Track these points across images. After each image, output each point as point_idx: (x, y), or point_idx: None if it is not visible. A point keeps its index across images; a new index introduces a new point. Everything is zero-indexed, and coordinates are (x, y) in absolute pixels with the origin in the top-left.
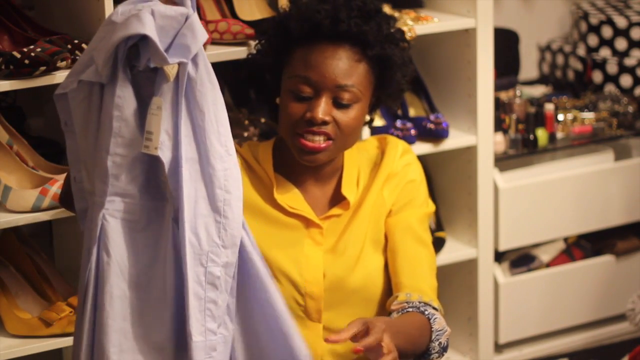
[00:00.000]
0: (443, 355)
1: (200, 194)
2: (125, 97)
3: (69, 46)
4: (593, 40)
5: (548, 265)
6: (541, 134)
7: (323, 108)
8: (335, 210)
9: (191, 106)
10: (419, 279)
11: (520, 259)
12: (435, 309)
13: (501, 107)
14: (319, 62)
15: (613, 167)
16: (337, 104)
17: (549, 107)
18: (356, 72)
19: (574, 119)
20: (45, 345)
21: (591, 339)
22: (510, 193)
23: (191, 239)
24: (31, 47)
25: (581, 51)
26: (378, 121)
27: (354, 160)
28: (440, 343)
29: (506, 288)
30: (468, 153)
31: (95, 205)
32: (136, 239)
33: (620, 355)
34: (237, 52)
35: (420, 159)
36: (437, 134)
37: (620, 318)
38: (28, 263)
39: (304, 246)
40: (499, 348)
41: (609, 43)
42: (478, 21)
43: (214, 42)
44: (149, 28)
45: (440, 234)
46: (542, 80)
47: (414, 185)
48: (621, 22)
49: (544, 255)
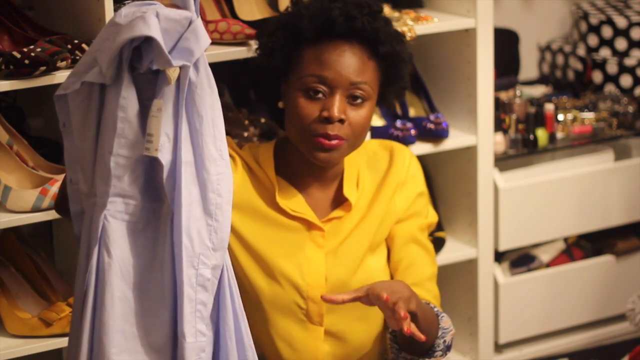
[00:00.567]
0: (446, 354)
1: (194, 197)
2: (129, 98)
3: (69, 46)
4: (593, 40)
5: (548, 265)
6: (541, 134)
7: (339, 106)
8: (336, 212)
9: (190, 110)
10: (422, 288)
11: (520, 259)
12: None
13: (501, 107)
14: (333, 60)
15: (613, 167)
16: (351, 102)
17: (549, 107)
18: (367, 70)
19: (574, 119)
20: (45, 345)
21: (591, 339)
22: (510, 193)
23: (185, 242)
24: (31, 47)
25: (581, 51)
26: (378, 121)
27: (354, 161)
28: (445, 341)
29: (506, 288)
30: (468, 153)
31: (96, 206)
32: (136, 240)
33: (620, 355)
34: (237, 52)
35: (420, 159)
36: (437, 134)
37: (620, 318)
38: (28, 263)
39: (306, 249)
40: (499, 348)
41: (609, 43)
42: (478, 21)
43: (214, 42)
44: (155, 30)
45: (440, 234)
46: (542, 80)
47: (423, 198)
48: (621, 22)
49: (544, 255)
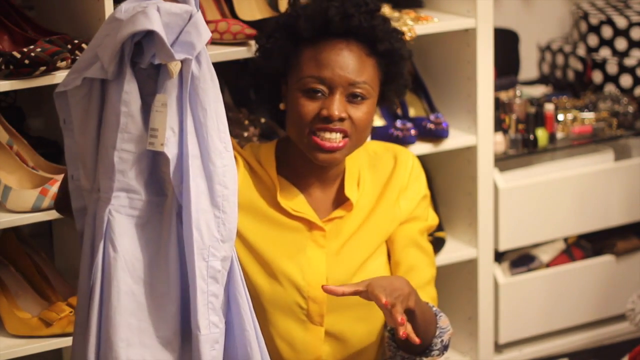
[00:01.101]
0: (443, 354)
1: (201, 190)
2: (132, 93)
3: (69, 46)
4: (593, 40)
5: (548, 265)
6: (541, 134)
7: (338, 105)
8: (337, 212)
9: (194, 103)
10: (421, 291)
11: (520, 259)
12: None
13: (501, 107)
14: (332, 59)
15: (613, 167)
16: (351, 101)
17: (549, 107)
18: (367, 68)
19: (574, 119)
20: (45, 345)
21: (591, 339)
22: (510, 193)
23: (195, 235)
24: (31, 47)
25: (581, 51)
26: (378, 121)
27: (355, 161)
28: (442, 340)
29: (506, 288)
30: (468, 153)
31: (100, 201)
32: (140, 235)
33: (620, 355)
34: (237, 52)
35: (420, 159)
36: (437, 134)
37: (620, 318)
38: (28, 263)
39: (307, 249)
40: (499, 348)
41: (609, 43)
42: (478, 21)
43: (214, 42)
44: (156, 24)
45: (440, 234)
46: (542, 80)
47: (425, 200)
48: (621, 22)
49: (544, 255)
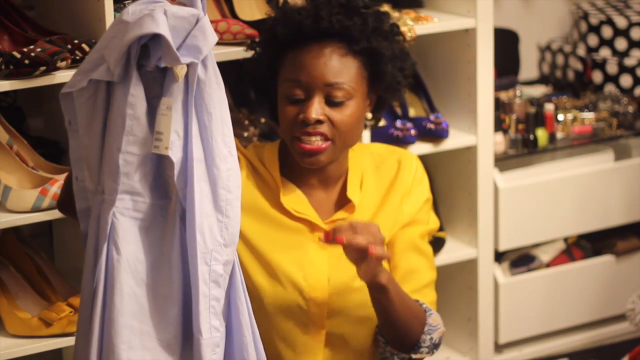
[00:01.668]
0: (433, 352)
1: (205, 194)
2: (138, 96)
3: (69, 46)
4: (593, 40)
5: (548, 265)
6: (541, 134)
7: (315, 108)
8: (340, 214)
9: (199, 107)
10: (420, 294)
11: (520, 259)
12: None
13: (501, 107)
14: (306, 63)
15: (613, 167)
16: (330, 103)
17: (549, 107)
18: (345, 69)
19: (574, 119)
20: (45, 345)
21: (591, 339)
22: (510, 193)
23: (198, 239)
24: (31, 47)
25: (581, 51)
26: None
27: (358, 162)
28: (432, 338)
29: (506, 288)
30: (468, 153)
31: (104, 203)
32: (144, 237)
33: (620, 355)
34: (237, 52)
35: (420, 159)
36: (437, 134)
37: (620, 318)
38: (28, 263)
39: (309, 251)
40: (499, 348)
41: (609, 43)
42: (478, 21)
43: None
44: (163, 27)
45: (440, 234)
46: (542, 80)
47: (428, 205)
48: (621, 22)
49: (544, 255)
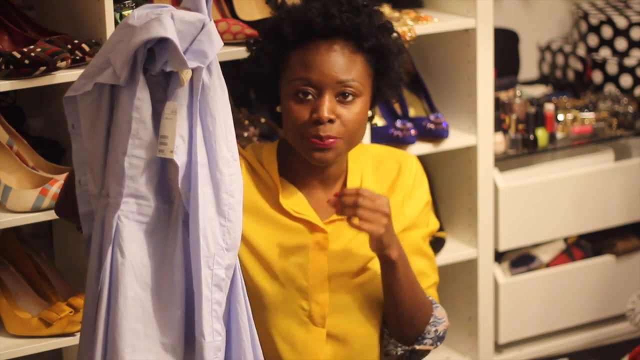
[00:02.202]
0: (437, 345)
1: (207, 198)
2: (144, 100)
3: (69, 46)
4: (593, 40)
5: (548, 265)
6: (541, 134)
7: (328, 106)
8: None
9: (203, 112)
10: (429, 294)
11: (520, 259)
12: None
13: (501, 107)
14: (317, 61)
15: (613, 167)
16: (340, 101)
17: (549, 107)
18: (355, 66)
19: (574, 119)
20: (45, 345)
21: (591, 339)
22: (510, 193)
23: (201, 243)
24: (31, 47)
25: (581, 51)
26: (378, 121)
27: (358, 163)
28: (436, 330)
29: (506, 288)
30: (468, 153)
31: (109, 206)
32: (148, 241)
33: (620, 355)
34: (237, 52)
35: (420, 159)
36: (437, 134)
37: (620, 318)
38: (28, 263)
39: (309, 251)
40: (499, 348)
41: (609, 43)
42: (478, 21)
43: None
44: (171, 31)
45: (440, 234)
46: (542, 80)
47: (428, 207)
48: (621, 22)
49: (544, 255)
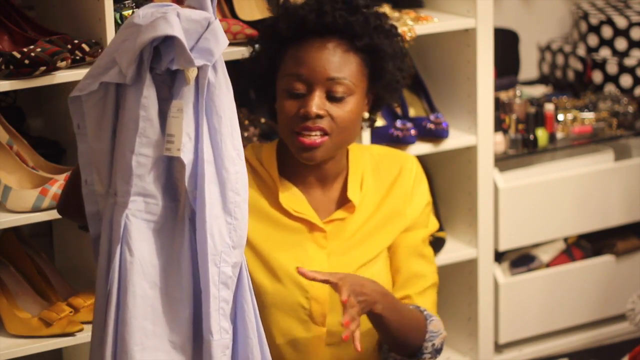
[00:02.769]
0: (435, 357)
1: (214, 196)
2: (150, 98)
3: (69, 46)
4: (593, 40)
5: (548, 265)
6: (541, 134)
7: (316, 102)
8: (339, 213)
9: (209, 110)
10: (422, 297)
11: (520, 259)
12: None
13: (501, 107)
14: (309, 57)
15: (613, 167)
16: (331, 98)
17: (549, 107)
18: (347, 64)
19: (574, 119)
20: (45, 345)
21: (591, 339)
22: (510, 193)
23: (208, 241)
24: (31, 47)
25: (581, 51)
26: (378, 121)
27: (358, 163)
28: (433, 344)
29: (506, 288)
30: (468, 153)
31: (117, 205)
32: (155, 239)
33: (620, 355)
34: (237, 52)
35: (420, 159)
36: (437, 134)
37: (620, 318)
38: (28, 263)
39: (309, 250)
40: (499, 348)
41: (609, 43)
42: (478, 21)
43: None
44: (177, 30)
45: (440, 234)
46: (542, 80)
47: (428, 207)
48: (621, 22)
49: (544, 255)
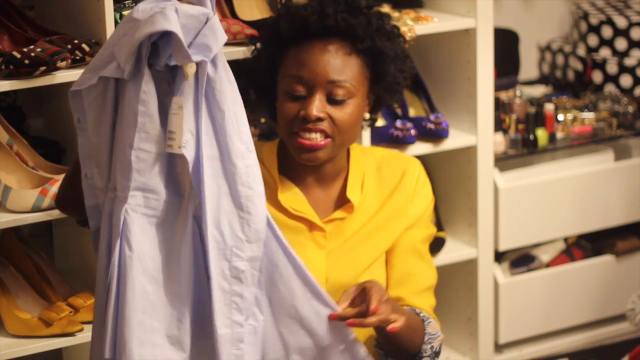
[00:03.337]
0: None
1: (223, 191)
2: (149, 93)
3: (69, 46)
4: (593, 40)
5: (548, 265)
6: (541, 134)
7: (316, 105)
8: (338, 213)
9: (211, 105)
10: (418, 298)
11: (520, 259)
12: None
13: (501, 107)
14: (310, 59)
15: (613, 167)
16: (331, 100)
17: (549, 107)
18: (348, 67)
19: (574, 119)
20: (45, 345)
21: (591, 339)
22: (510, 193)
23: (215, 235)
24: (31, 47)
25: (581, 51)
26: (378, 121)
27: (360, 163)
28: (432, 347)
29: (506, 288)
30: (468, 153)
31: (116, 200)
32: (155, 234)
33: (620, 355)
34: (237, 52)
35: (420, 159)
36: (437, 134)
37: (620, 318)
38: (28, 263)
39: (307, 249)
40: (499, 348)
41: (609, 43)
42: (478, 21)
43: None
44: (175, 25)
45: (440, 234)
46: (542, 80)
47: (430, 209)
48: (621, 22)
49: (544, 255)
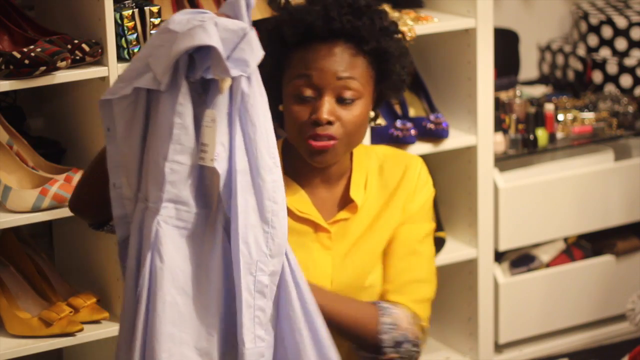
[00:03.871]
0: (398, 350)
1: (250, 205)
2: (186, 105)
3: (69, 46)
4: (593, 40)
5: (548, 265)
6: (541, 134)
7: (327, 108)
8: (342, 213)
9: (244, 119)
10: (398, 293)
11: (520, 259)
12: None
13: (501, 107)
14: (318, 62)
15: (613, 167)
16: (341, 101)
17: (549, 107)
18: (355, 68)
19: (574, 119)
20: (45, 345)
21: (591, 339)
22: (510, 193)
23: (242, 249)
24: (31, 47)
25: (581, 51)
26: (378, 121)
27: (363, 163)
28: (393, 337)
29: (506, 288)
30: (468, 153)
31: (148, 211)
32: (185, 246)
33: (620, 355)
34: None
35: None
36: (437, 134)
37: (620, 318)
38: (28, 263)
39: (313, 251)
40: (499, 348)
41: (609, 43)
42: (478, 21)
43: None
44: (215, 39)
45: (440, 234)
46: (542, 80)
47: (429, 203)
48: (621, 22)
49: (544, 255)
